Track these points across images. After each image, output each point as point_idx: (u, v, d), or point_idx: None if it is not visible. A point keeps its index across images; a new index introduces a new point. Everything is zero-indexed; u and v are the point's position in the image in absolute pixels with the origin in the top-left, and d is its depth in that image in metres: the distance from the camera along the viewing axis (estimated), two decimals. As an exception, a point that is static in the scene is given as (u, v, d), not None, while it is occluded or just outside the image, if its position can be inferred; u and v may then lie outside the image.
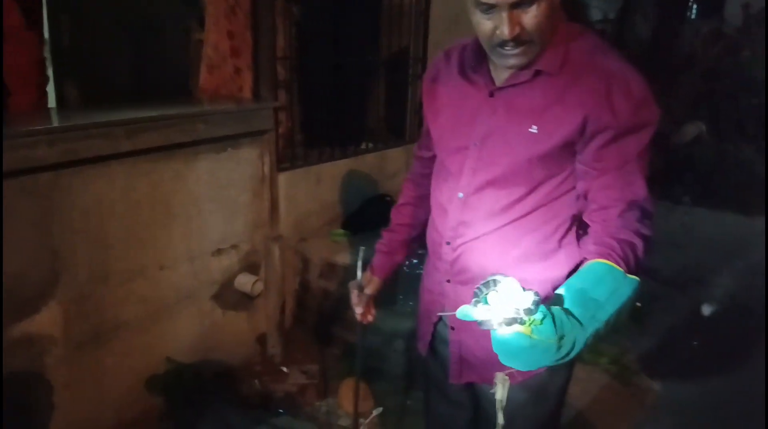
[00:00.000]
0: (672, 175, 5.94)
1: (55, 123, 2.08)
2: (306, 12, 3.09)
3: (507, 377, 1.12)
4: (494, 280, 0.85)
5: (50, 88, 2.38)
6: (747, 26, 7.31)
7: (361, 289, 1.58)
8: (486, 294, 0.85)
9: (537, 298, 0.84)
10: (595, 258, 1.03)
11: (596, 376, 2.94)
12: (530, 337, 0.83)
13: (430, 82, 1.40)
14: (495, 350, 0.87)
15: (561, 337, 0.85)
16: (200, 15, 3.09)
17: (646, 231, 1.12)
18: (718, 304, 3.77)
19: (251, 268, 2.81)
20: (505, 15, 1.07)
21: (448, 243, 1.34)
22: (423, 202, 1.51)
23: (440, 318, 1.46)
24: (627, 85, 1.13)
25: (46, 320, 2.09)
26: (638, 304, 0.94)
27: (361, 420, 2.40)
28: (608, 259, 1.02)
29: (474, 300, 0.86)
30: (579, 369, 2.93)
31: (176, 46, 2.98)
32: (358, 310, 1.60)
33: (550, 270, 1.25)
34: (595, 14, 8.30)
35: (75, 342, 2.19)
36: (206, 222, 2.56)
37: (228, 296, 2.73)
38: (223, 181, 2.60)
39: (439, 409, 1.61)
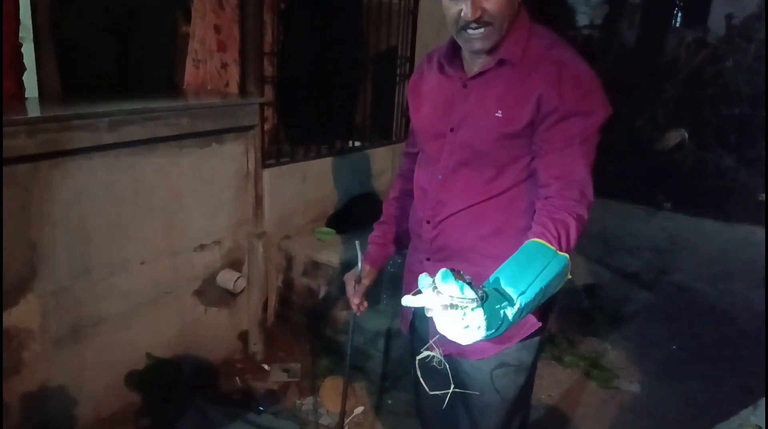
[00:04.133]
0: (654, 181, 6.01)
1: (36, 113, 2.04)
2: (294, 8, 3.07)
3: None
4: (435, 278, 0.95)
5: (32, 78, 2.33)
6: (729, 36, 7.41)
7: (359, 280, 1.63)
8: (429, 285, 0.95)
9: (480, 293, 0.95)
10: (531, 238, 1.16)
11: (576, 379, 2.96)
12: (462, 319, 0.93)
13: (415, 83, 1.55)
14: (437, 330, 0.98)
15: (489, 317, 0.95)
16: (187, 8, 3.07)
17: (581, 211, 1.21)
18: (698, 309, 3.82)
19: (234, 264, 2.78)
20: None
21: (428, 222, 1.46)
22: (412, 195, 1.59)
23: None
24: (576, 73, 1.27)
25: (23, 314, 2.05)
26: (569, 276, 1.09)
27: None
28: (541, 238, 1.14)
29: (414, 291, 0.96)
30: (559, 371, 2.99)
31: (162, 38, 2.95)
32: (355, 301, 1.64)
33: (518, 246, 1.28)
34: (582, 20, 8.38)
35: (53, 336, 2.16)
36: (189, 217, 2.54)
37: (210, 292, 2.71)
38: (207, 176, 2.58)
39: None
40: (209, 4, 2.62)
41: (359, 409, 2.59)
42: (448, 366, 1.35)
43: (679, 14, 9.30)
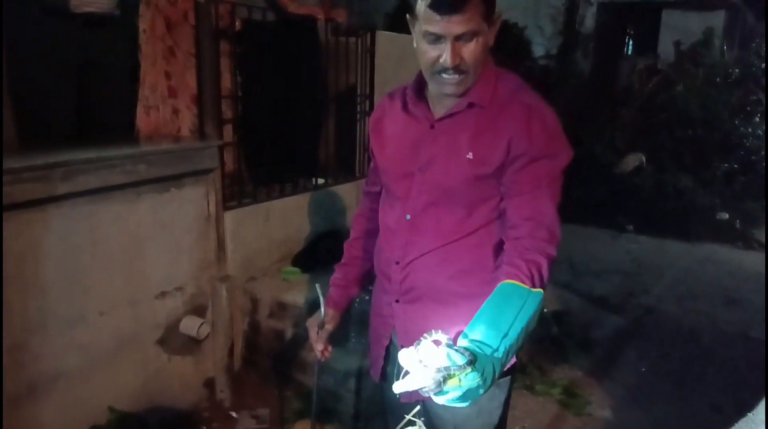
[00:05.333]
0: (616, 204, 6.14)
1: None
2: (253, 50, 3.10)
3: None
4: (417, 347, 0.92)
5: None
6: (679, 62, 7.70)
7: (322, 326, 1.59)
8: (413, 362, 0.92)
9: (468, 356, 0.91)
10: (504, 279, 1.17)
11: (549, 408, 2.95)
12: (460, 386, 0.90)
13: (376, 122, 1.54)
14: (435, 400, 0.94)
15: (482, 373, 0.93)
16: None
17: (551, 251, 1.24)
18: (666, 330, 3.87)
19: (197, 310, 2.74)
20: (449, 45, 1.23)
21: (397, 262, 1.44)
22: (374, 235, 1.58)
23: (391, 341, 1.54)
24: (543, 117, 1.31)
25: (-25, 374, 1.98)
26: (544, 309, 1.13)
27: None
28: (515, 279, 1.16)
29: (403, 372, 0.93)
30: (532, 401, 2.98)
31: (120, 85, 2.93)
32: (319, 348, 1.60)
33: (488, 284, 1.30)
34: (538, 50, 8.62)
35: (10, 395, 2.08)
36: (149, 264, 2.50)
37: (173, 340, 2.65)
38: (167, 221, 2.55)
39: None
40: (160, 51, 2.63)
41: (331, 453, 2.55)
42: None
43: (630, 42, 9.68)
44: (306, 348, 2.87)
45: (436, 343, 0.91)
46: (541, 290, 1.15)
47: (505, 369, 1.39)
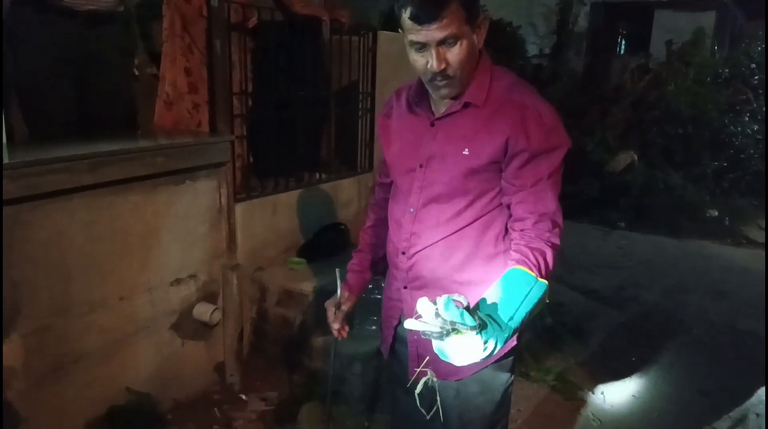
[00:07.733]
0: (607, 201, 6.29)
1: (10, 158, 2.07)
2: (263, 48, 3.21)
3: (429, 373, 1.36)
4: (435, 301, 1.06)
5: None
6: (670, 61, 7.87)
7: (338, 306, 1.71)
8: (430, 311, 1.05)
9: (478, 321, 1.05)
10: (513, 265, 1.27)
11: (543, 393, 3.09)
12: (461, 344, 1.03)
13: (385, 118, 1.65)
14: (435, 351, 1.09)
15: (486, 341, 1.05)
16: (151, 49, 3.15)
17: (555, 240, 1.35)
18: (656, 321, 4.02)
19: (209, 297, 2.86)
20: (433, 51, 1.30)
21: (403, 253, 1.54)
22: (386, 223, 1.68)
23: (400, 321, 1.65)
24: (539, 114, 1.37)
25: (7, 353, 2.09)
26: (547, 301, 1.26)
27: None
28: (524, 266, 1.26)
29: (416, 315, 1.05)
30: (527, 387, 3.12)
31: (123, 81, 3.01)
32: (335, 327, 1.70)
33: (490, 272, 1.44)
34: (532, 49, 8.76)
35: (36, 374, 2.20)
36: (164, 253, 2.61)
37: (186, 326, 2.77)
38: (181, 212, 2.66)
39: (404, 402, 1.75)
40: (179, 48, 2.74)
41: (337, 433, 2.67)
42: (436, 387, 1.46)
43: (623, 42, 9.84)
44: (312, 334, 2.99)
45: (457, 303, 1.03)
46: (545, 281, 1.24)
47: (508, 351, 1.53)
